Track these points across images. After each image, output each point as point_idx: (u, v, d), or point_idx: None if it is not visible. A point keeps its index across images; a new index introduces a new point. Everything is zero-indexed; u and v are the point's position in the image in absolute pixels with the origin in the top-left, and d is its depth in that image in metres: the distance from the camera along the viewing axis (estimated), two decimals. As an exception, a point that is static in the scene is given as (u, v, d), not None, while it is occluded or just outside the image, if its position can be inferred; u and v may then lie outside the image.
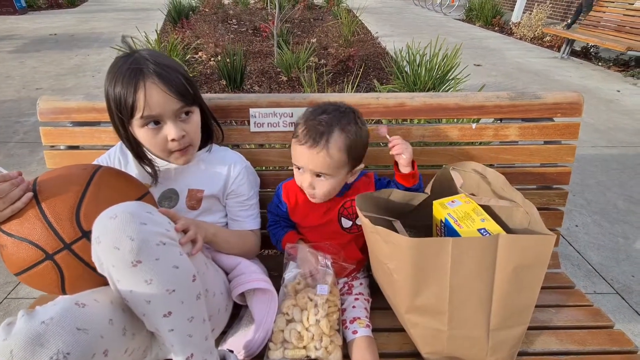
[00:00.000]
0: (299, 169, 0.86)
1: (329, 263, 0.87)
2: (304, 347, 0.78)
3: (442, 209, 0.85)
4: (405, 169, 0.87)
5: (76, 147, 1.04)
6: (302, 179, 0.86)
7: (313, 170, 0.83)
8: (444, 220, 0.84)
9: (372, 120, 1.08)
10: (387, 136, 0.87)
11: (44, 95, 1.03)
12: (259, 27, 5.68)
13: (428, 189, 0.88)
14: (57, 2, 8.00)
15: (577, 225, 1.95)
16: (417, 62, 3.08)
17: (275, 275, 0.96)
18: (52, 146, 1.04)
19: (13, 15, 7.01)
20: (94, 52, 4.92)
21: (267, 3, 7.49)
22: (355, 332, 0.82)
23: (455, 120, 1.49)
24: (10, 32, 5.88)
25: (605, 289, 1.56)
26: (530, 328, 0.89)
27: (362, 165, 0.88)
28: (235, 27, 6.08)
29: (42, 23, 6.63)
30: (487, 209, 0.85)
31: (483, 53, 5.38)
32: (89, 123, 1.02)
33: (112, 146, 1.03)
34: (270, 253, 1.24)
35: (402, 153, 0.84)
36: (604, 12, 5.10)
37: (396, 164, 0.89)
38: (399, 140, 0.85)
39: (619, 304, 1.49)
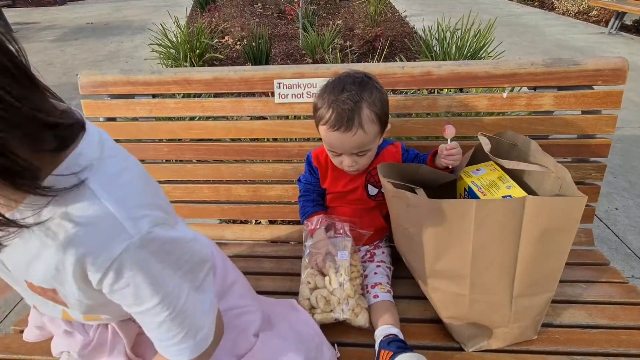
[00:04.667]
0: (333, 153, 0.85)
1: (347, 230, 0.89)
2: (331, 311, 0.80)
3: (466, 177, 0.84)
4: (444, 167, 0.86)
5: (113, 119, 1.11)
6: (340, 160, 0.85)
7: (352, 151, 0.82)
8: (467, 189, 0.83)
9: (398, 90, 1.06)
10: (449, 140, 0.84)
11: (83, 71, 1.10)
12: (284, 10, 5.63)
13: (462, 168, 0.85)
14: (93, -8, 8.34)
15: (617, 208, 1.83)
16: (447, 40, 2.95)
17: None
18: (93, 118, 1.11)
19: (54, 7, 7.40)
20: (127, 39, 5.11)
21: (292, -15, 7.38)
22: (376, 296, 0.84)
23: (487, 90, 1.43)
24: (51, 23, 6.22)
25: (646, 274, 1.47)
26: (557, 301, 0.87)
27: (389, 125, 0.87)
28: (261, 10, 6.06)
29: (80, 13, 6.94)
30: (517, 178, 0.82)
31: (520, 30, 5.05)
32: (125, 96, 1.07)
33: (146, 118, 1.09)
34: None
35: (452, 164, 0.83)
36: (662, -20, 4.59)
37: (434, 152, 0.88)
38: (458, 151, 0.83)
39: (660, 289, 1.40)
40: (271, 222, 1.43)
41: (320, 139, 1.07)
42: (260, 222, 1.47)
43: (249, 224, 1.40)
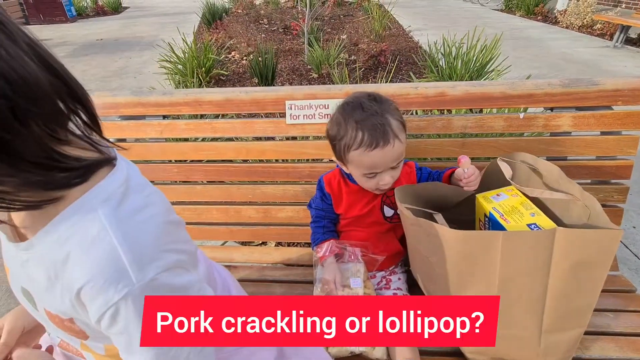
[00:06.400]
0: (371, 175, 0.79)
1: (359, 255, 0.86)
2: None
3: (486, 203, 0.81)
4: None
5: (123, 140, 1.10)
6: (377, 181, 0.80)
7: (392, 165, 0.78)
8: (488, 215, 0.80)
9: (410, 111, 1.05)
10: (464, 170, 0.81)
11: (96, 92, 1.09)
12: (289, 26, 5.72)
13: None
14: (103, 9, 8.56)
15: (634, 227, 1.78)
16: (453, 55, 2.96)
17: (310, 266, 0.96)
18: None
19: (65, 24, 7.58)
20: (136, 55, 5.20)
21: (297, 2, 7.53)
22: (393, 327, 0.80)
23: (496, 110, 1.42)
24: (62, 39, 6.36)
25: (669, 297, 1.41)
26: (586, 333, 0.82)
27: None
28: (267, 26, 6.17)
29: (90, 29, 7.10)
30: (539, 204, 0.79)
31: (525, 44, 5.08)
32: (136, 117, 1.07)
33: (156, 139, 1.08)
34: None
35: (472, 189, 0.81)
36: (666, -6, 4.62)
37: (451, 172, 0.86)
38: (476, 176, 0.81)
39: (686, 314, 1.34)
40: (279, 243, 1.40)
41: (332, 160, 1.06)
42: (266, 243, 1.44)
43: (258, 245, 1.37)
